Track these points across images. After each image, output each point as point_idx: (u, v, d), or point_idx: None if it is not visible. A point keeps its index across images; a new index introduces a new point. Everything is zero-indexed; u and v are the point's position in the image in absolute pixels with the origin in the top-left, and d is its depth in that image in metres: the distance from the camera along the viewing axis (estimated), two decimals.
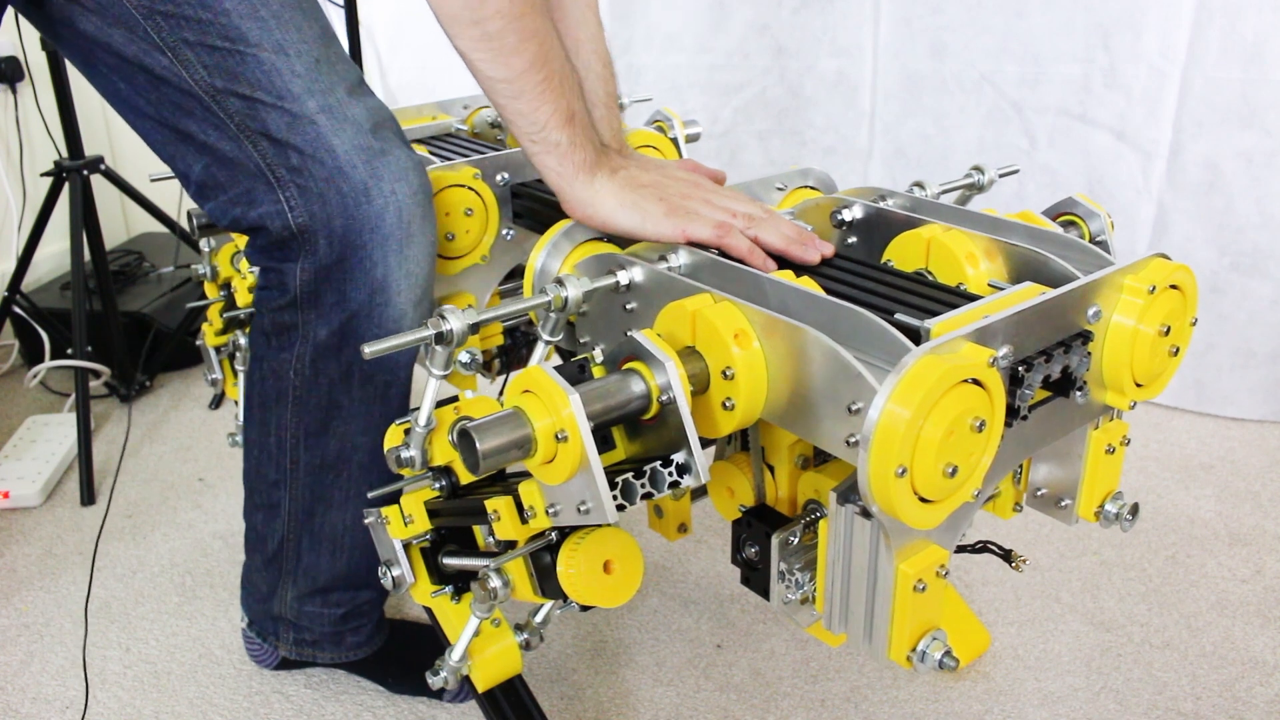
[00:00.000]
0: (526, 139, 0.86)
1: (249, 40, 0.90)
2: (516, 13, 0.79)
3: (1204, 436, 1.86)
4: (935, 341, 0.62)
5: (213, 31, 0.90)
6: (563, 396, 0.65)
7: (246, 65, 0.91)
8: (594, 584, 0.75)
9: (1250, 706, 1.23)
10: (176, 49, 0.91)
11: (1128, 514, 0.82)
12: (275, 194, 0.94)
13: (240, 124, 0.92)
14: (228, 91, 0.92)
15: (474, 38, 0.80)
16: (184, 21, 0.90)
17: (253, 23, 0.90)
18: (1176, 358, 0.77)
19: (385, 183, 0.93)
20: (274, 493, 1.12)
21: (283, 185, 0.93)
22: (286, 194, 0.93)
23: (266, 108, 0.92)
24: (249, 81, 0.91)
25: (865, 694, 1.26)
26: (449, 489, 0.88)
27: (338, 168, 0.92)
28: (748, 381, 0.69)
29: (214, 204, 0.99)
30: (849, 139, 2.17)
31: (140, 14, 0.90)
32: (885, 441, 0.59)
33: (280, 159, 0.93)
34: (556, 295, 0.79)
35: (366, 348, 0.71)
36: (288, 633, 1.24)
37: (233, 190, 0.96)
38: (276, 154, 0.93)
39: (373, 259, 0.95)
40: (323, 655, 1.25)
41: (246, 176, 0.94)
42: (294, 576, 1.17)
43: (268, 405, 1.07)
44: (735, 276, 0.78)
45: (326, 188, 0.92)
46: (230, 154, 0.94)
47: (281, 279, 0.98)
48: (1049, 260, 0.78)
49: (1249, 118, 1.74)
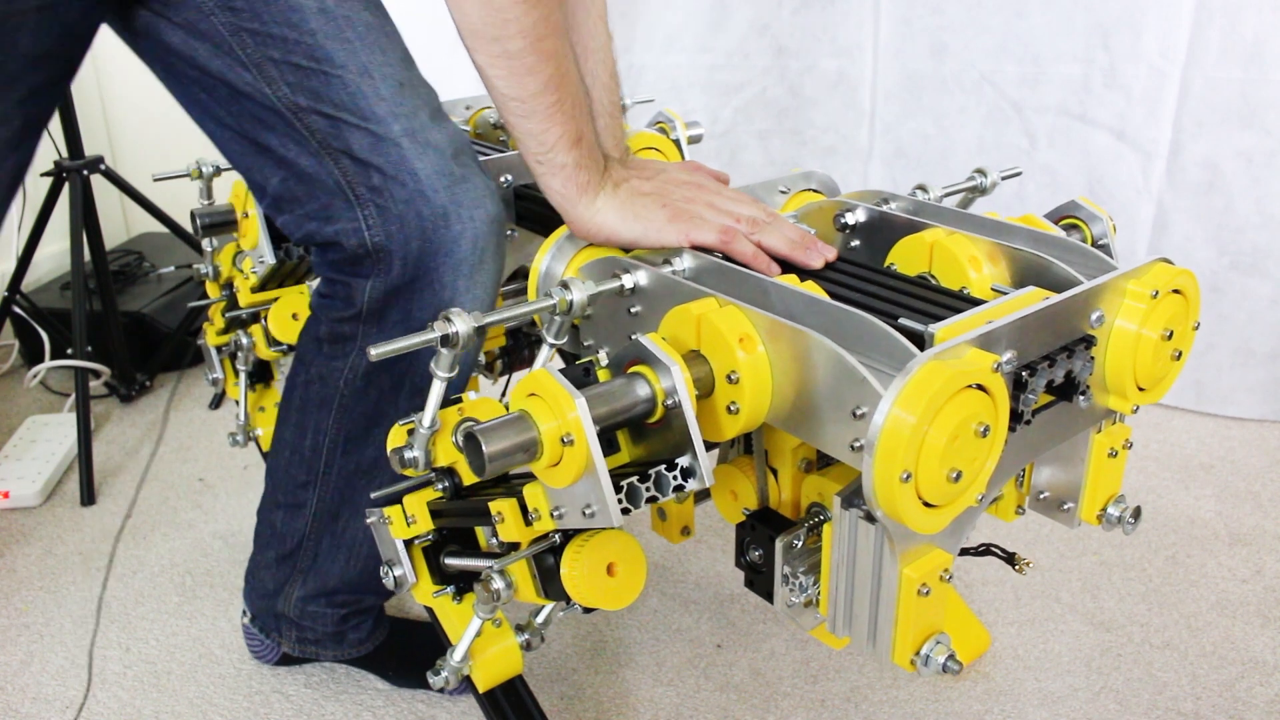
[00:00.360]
0: (533, 158, 0.86)
1: (335, 62, 0.92)
2: (538, 34, 0.80)
3: (1204, 436, 1.86)
4: (940, 347, 0.63)
5: (298, 51, 0.91)
6: (569, 400, 0.65)
7: (331, 86, 0.92)
8: (597, 586, 0.75)
9: (1250, 706, 1.23)
10: (261, 66, 0.92)
11: (1130, 517, 0.83)
12: (354, 211, 0.94)
13: (322, 141, 0.93)
14: (311, 110, 0.93)
15: (493, 54, 0.80)
16: (270, 40, 0.91)
17: (339, 45, 0.92)
18: (1179, 362, 0.77)
19: (464, 208, 0.93)
20: (301, 493, 1.12)
21: (362, 203, 0.94)
22: (365, 212, 0.94)
23: (350, 128, 0.93)
24: (333, 102, 0.92)
25: (865, 694, 1.26)
26: (452, 490, 0.88)
27: (419, 190, 0.92)
28: (752, 386, 0.69)
29: (289, 217, 0.99)
30: (849, 139, 2.17)
31: (226, 30, 0.92)
32: (890, 447, 0.60)
33: (361, 178, 0.93)
34: (561, 299, 0.79)
35: (373, 349, 0.71)
36: (290, 630, 1.24)
37: (310, 205, 0.97)
38: (358, 172, 0.93)
39: (443, 282, 0.95)
40: (325, 653, 1.26)
41: (325, 192, 0.95)
42: (305, 576, 1.18)
43: (308, 409, 1.08)
44: (739, 280, 0.78)
45: (406, 209, 0.93)
46: (309, 170, 0.95)
47: (349, 292, 0.99)
48: (1052, 264, 0.79)
49: (1249, 118, 1.74)
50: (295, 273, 1.33)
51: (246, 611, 1.29)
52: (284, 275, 1.31)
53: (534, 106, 0.83)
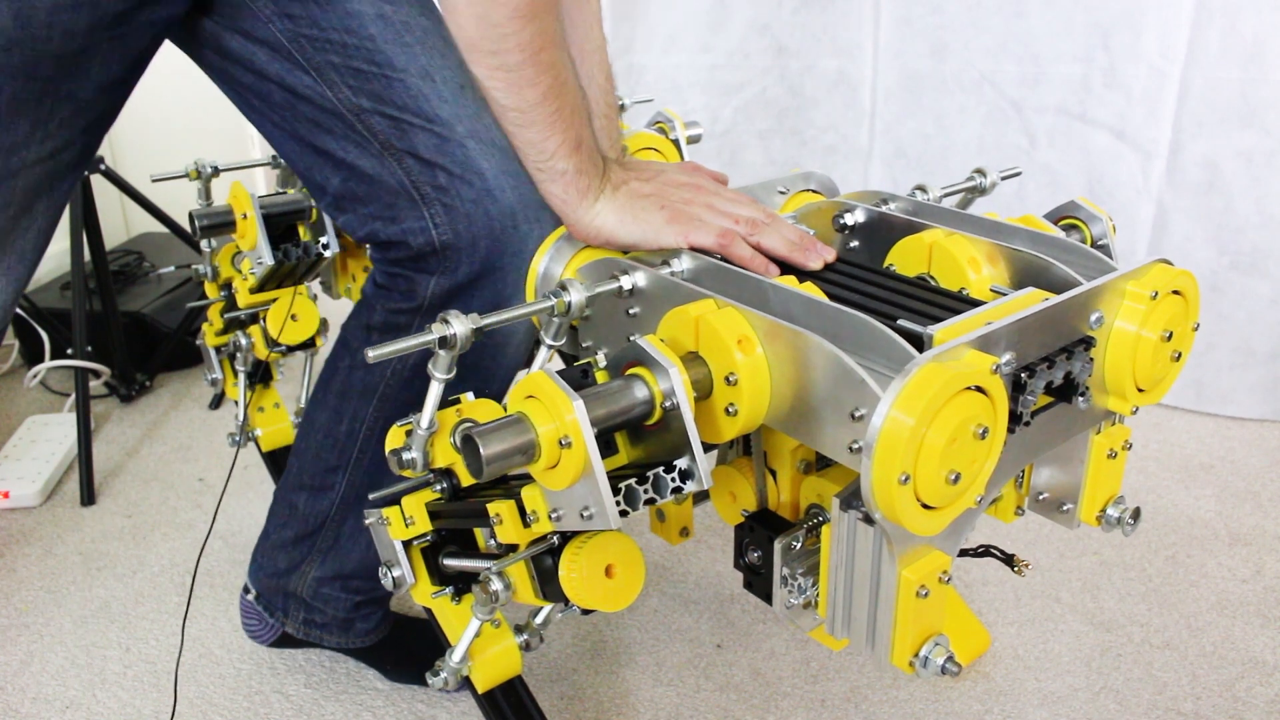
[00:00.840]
0: (533, 166, 0.86)
1: (395, 65, 0.92)
2: (536, 47, 0.80)
3: (1204, 436, 1.86)
4: (938, 349, 0.62)
5: (359, 56, 0.92)
6: (566, 402, 0.65)
7: (393, 88, 0.93)
8: (596, 588, 0.75)
9: (1250, 706, 1.23)
10: (321, 70, 0.93)
11: (1129, 518, 0.83)
12: (419, 210, 0.95)
13: (385, 142, 0.94)
14: (374, 111, 0.93)
15: (491, 66, 0.81)
16: (329, 45, 0.93)
17: (398, 49, 0.92)
18: (1178, 363, 0.77)
19: (531, 208, 0.93)
20: (329, 477, 1.13)
21: (428, 202, 0.94)
22: (432, 211, 0.94)
23: (415, 129, 0.93)
24: (396, 104, 0.93)
25: (865, 694, 1.26)
26: (451, 491, 0.88)
27: (486, 190, 0.92)
28: (751, 387, 0.69)
29: (350, 216, 1.00)
30: (849, 138, 2.17)
31: (285, 37, 0.93)
32: (888, 448, 0.60)
33: (427, 177, 0.94)
34: (560, 300, 0.79)
35: (370, 351, 0.71)
36: (298, 611, 1.24)
37: (372, 205, 0.97)
38: (423, 172, 0.94)
39: (506, 280, 0.95)
40: (329, 639, 1.26)
41: (388, 192, 0.95)
42: (324, 558, 1.18)
43: (348, 395, 1.08)
44: (738, 282, 0.78)
45: (475, 209, 0.93)
46: (370, 170, 0.95)
47: (410, 285, 0.99)
48: (1051, 265, 0.78)
49: (1248, 117, 1.74)
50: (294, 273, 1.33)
51: (250, 589, 1.28)
52: (282, 276, 1.32)
53: (533, 116, 0.83)
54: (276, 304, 1.35)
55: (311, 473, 1.14)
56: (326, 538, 1.17)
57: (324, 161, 0.98)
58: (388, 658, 1.29)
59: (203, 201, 1.34)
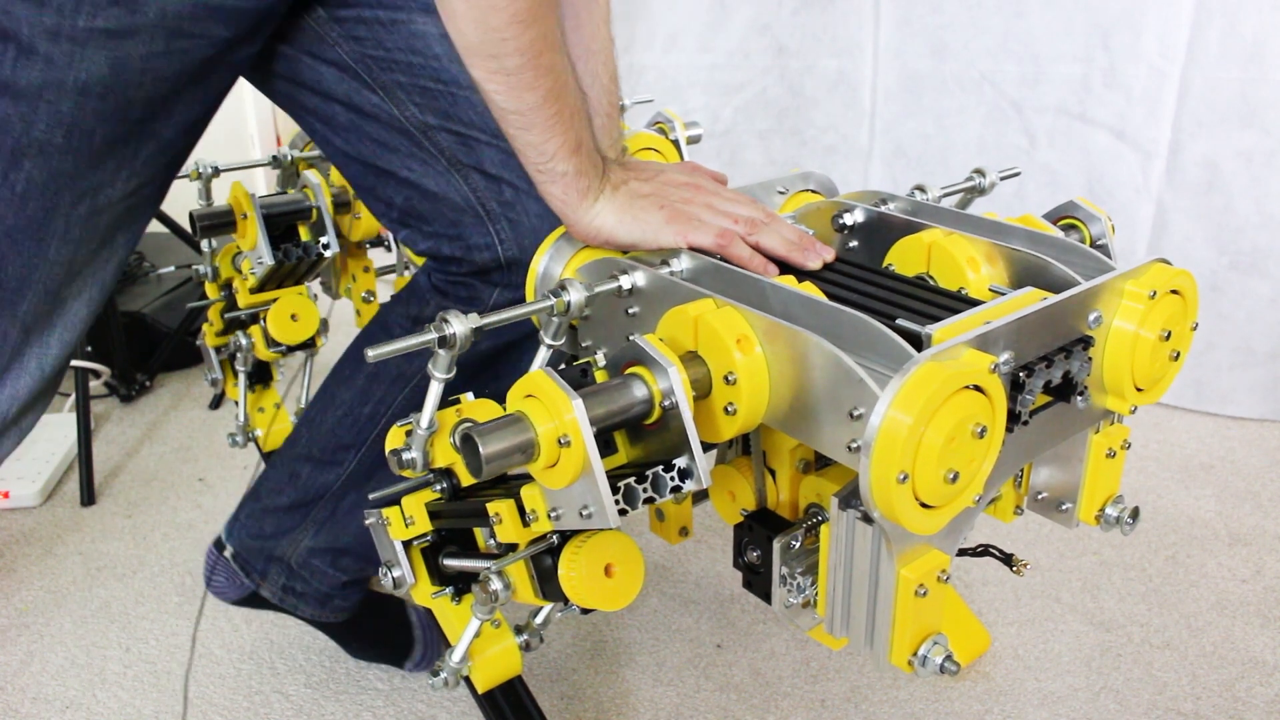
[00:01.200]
0: (533, 168, 0.86)
1: (460, 83, 0.96)
2: (535, 50, 0.80)
3: (1204, 436, 1.86)
4: (937, 348, 0.62)
5: (425, 74, 0.95)
6: (566, 402, 0.65)
7: (459, 105, 0.96)
8: (595, 587, 0.75)
9: (1250, 706, 1.23)
10: (388, 89, 0.96)
11: (1128, 518, 0.83)
12: (485, 226, 0.97)
13: (452, 158, 0.97)
14: (441, 128, 0.96)
15: (490, 70, 0.81)
16: (395, 64, 0.96)
17: (460, 68, 0.93)
18: (1177, 362, 0.77)
19: None
20: (341, 454, 1.13)
21: (494, 219, 0.97)
22: (497, 227, 0.97)
23: (482, 144, 0.96)
24: (462, 120, 0.96)
25: (865, 694, 1.26)
26: (450, 491, 0.88)
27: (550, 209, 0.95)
28: (750, 387, 0.69)
29: (413, 233, 1.02)
30: (849, 138, 2.17)
31: (352, 58, 0.96)
32: (887, 448, 0.60)
33: (493, 192, 0.96)
34: (559, 300, 0.79)
35: (370, 350, 0.71)
36: (279, 577, 1.23)
37: (437, 222, 0.99)
38: (489, 187, 0.96)
39: None
40: (304, 609, 1.25)
41: (452, 209, 0.98)
42: (320, 528, 1.18)
43: (380, 379, 1.09)
44: (737, 281, 0.78)
45: (541, 224, 0.95)
46: (436, 188, 0.98)
47: (472, 293, 1.01)
48: (1050, 265, 0.78)
49: (1248, 117, 1.74)
50: (294, 273, 1.33)
51: (227, 545, 1.26)
52: (283, 276, 1.32)
53: (533, 119, 0.83)
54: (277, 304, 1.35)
55: (323, 446, 1.14)
56: (324, 510, 1.16)
57: (388, 181, 1.00)
58: (355, 635, 1.29)
59: (203, 201, 1.34)
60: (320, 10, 0.97)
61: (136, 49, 0.83)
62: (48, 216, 0.88)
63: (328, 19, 0.97)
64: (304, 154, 1.33)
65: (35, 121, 0.82)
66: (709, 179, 0.93)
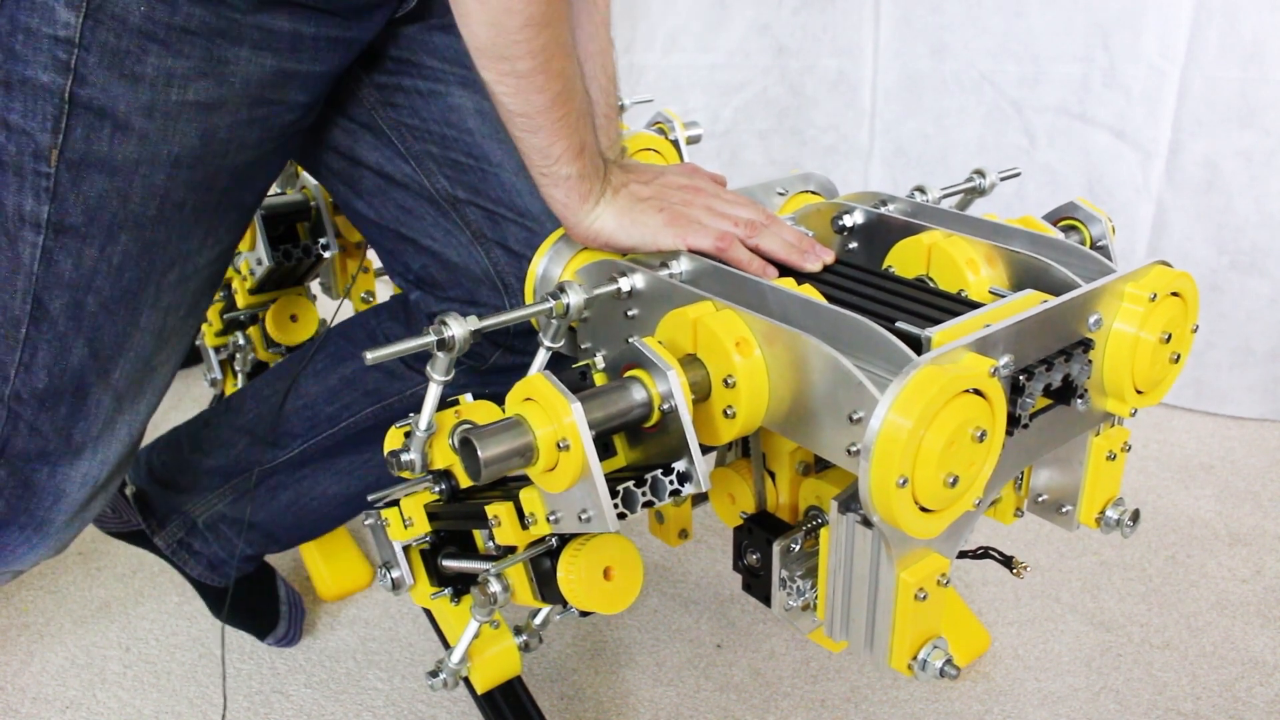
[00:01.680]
0: (537, 171, 0.86)
1: (492, 160, 0.97)
2: (547, 54, 0.80)
3: (1203, 436, 1.86)
4: (936, 351, 0.62)
5: (457, 148, 0.97)
6: (564, 405, 0.65)
7: (489, 182, 0.97)
8: (594, 590, 0.75)
9: (1250, 706, 1.23)
10: (420, 159, 0.98)
11: (1129, 520, 0.83)
12: (501, 299, 0.99)
13: (477, 232, 0.98)
14: (469, 203, 0.98)
15: (501, 72, 0.81)
16: (429, 135, 0.98)
17: (495, 144, 0.97)
18: (1177, 365, 0.77)
19: None
20: (287, 440, 1.13)
21: (511, 293, 0.99)
22: (514, 300, 0.99)
23: (507, 222, 0.97)
24: (490, 197, 0.98)
25: (865, 694, 1.26)
26: (449, 493, 0.88)
27: None
28: (749, 390, 0.69)
29: (426, 295, 1.03)
30: (849, 138, 2.17)
31: (386, 124, 0.98)
32: (886, 451, 0.60)
33: (514, 268, 0.98)
34: (558, 302, 0.79)
35: (368, 354, 0.71)
36: (178, 530, 1.22)
37: (452, 290, 1.01)
38: (510, 263, 0.98)
39: None
40: (191, 567, 1.24)
41: (470, 280, 1.00)
42: (239, 498, 1.17)
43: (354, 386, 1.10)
44: (737, 284, 0.78)
45: None
46: (456, 259, 0.99)
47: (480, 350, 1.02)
48: (1050, 267, 0.78)
49: (1248, 117, 1.74)
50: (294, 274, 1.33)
51: (128, 483, 1.25)
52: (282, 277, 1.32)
53: (540, 122, 0.83)
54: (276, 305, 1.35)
55: (269, 427, 1.14)
56: (246, 482, 1.16)
57: (408, 246, 1.01)
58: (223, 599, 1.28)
59: None
60: (363, 76, 0.98)
61: (224, 119, 0.85)
62: (142, 286, 0.89)
63: (368, 84, 0.98)
64: None
65: (131, 195, 0.84)
66: (708, 181, 0.93)
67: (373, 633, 1.39)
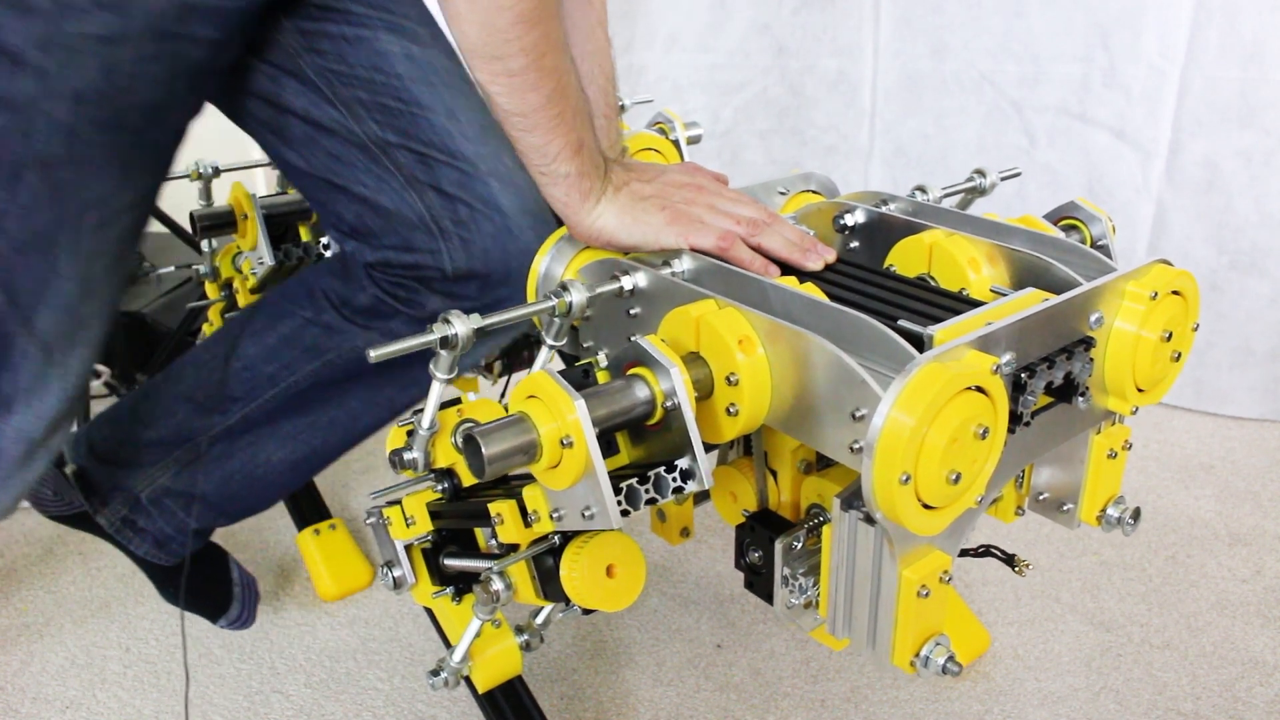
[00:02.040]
0: (536, 170, 0.87)
1: (421, 103, 0.96)
2: (539, 52, 0.80)
3: (1204, 436, 1.86)
4: (939, 349, 0.63)
5: (386, 92, 0.95)
6: (568, 402, 0.65)
7: (419, 125, 0.96)
8: (597, 588, 0.76)
9: (1250, 706, 1.23)
10: (349, 105, 0.96)
11: (1129, 518, 0.83)
12: (436, 243, 0.97)
13: (409, 176, 0.96)
14: (400, 146, 0.96)
15: (494, 71, 0.81)
16: (357, 81, 0.96)
17: (424, 88, 0.96)
18: (1178, 363, 0.77)
19: None
20: (228, 405, 1.10)
21: (446, 236, 0.97)
22: (449, 244, 0.97)
23: (439, 164, 0.96)
24: (421, 140, 0.96)
25: (865, 694, 1.26)
26: (451, 491, 0.88)
27: (506, 226, 0.95)
28: (751, 387, 0.69)
29: (363, 245, 1.01)
30: (849, 138, 2.17)
31: (312, 70, 0.96)
32: (889, 448, 0.60)
33: (448, 211, 0.96)
34: (561, 300, 0.79)
35: (372, 351, 0.71)
36: (121, 507, 1.17)
37: (387, 237, 0.99)
38: (444, 206, 0.96)
39: None
40: (136, 545, 1.19)
41: (404, 226, 0.98)
42: (182, 470, 1.14)
43: (293, 345, 1.07)
44: (739, 282, 0.78)
45: (492, 244, 0.95)
46: (390, 205, 0.97)
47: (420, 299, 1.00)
48: (1051, 266, 0.79)
49: (1248, 117, 1.74)
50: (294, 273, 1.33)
51: (68, 462, 1.20)
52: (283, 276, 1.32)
53: (536, 120, 0.83)
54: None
55: (210, 392, 1.11)
56: (188, 453, 1.13)
57: (340, 196, 1.00)
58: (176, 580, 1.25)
59: (203, 202, 1.34)
60: (285, 22, 0.96)
61: (127, 53, 0.82)
62: (57, 229, 0.87)
63: (293, 30, 0.96)
64: None
65: (34, 133, 0.82)
66: (710, 180, 0.93)
67: (373, 633, 1.39)
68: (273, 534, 1.61)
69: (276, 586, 1.49)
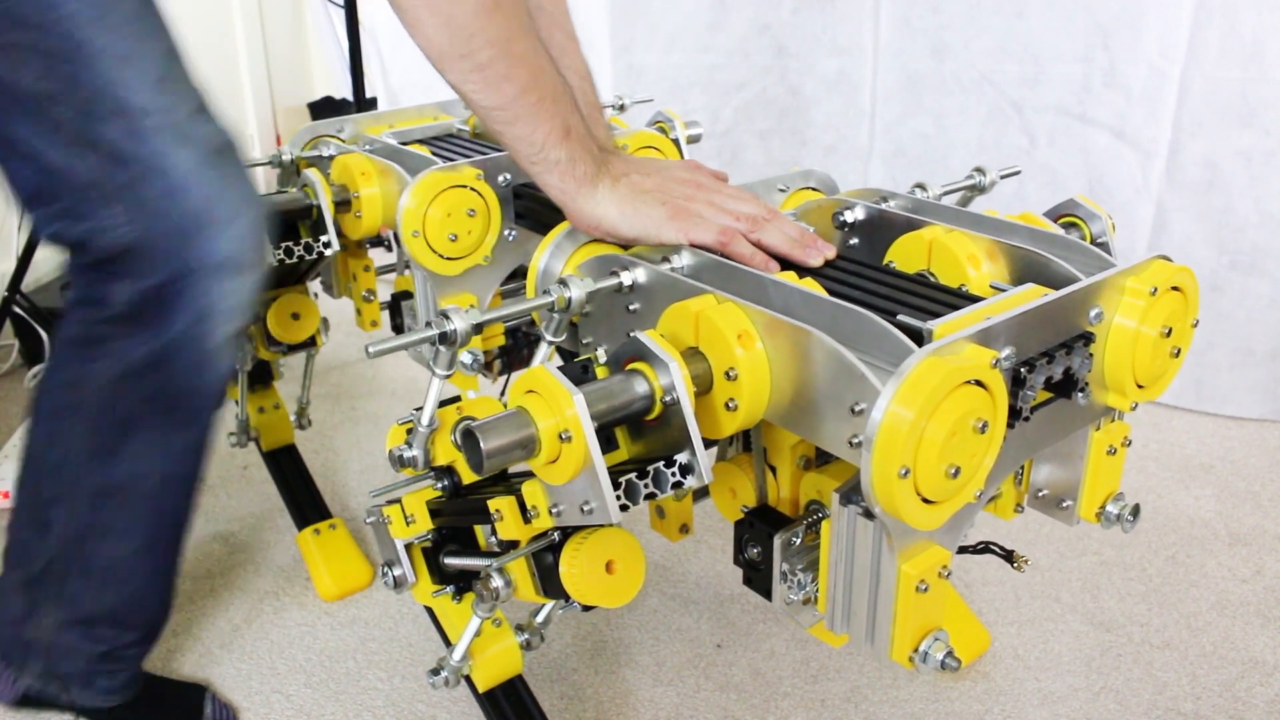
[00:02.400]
0: (527, 161, 0.85)
1: (92, 47, 0.85)
2: (505, 39, 0.78)
3: (1204, 436, 1.86)
4: (938, 343, 0.63)
5: (53, 34, 0.84)
6: (567, 397, 0.65)
7: (85, 73, 0.85)
8: (596, 584, 0.76)
9: (1250, 706, 1.23)
10: (7, 50, 0.84)
11: (1129, 515, 0.83)
12: (103, 210, 0.88)
13: (72, 133, 0.87)
14: (61, 97, 0.86)
15: (464, 69, 0.79)
16: (18, 23, 0.84)
17: (96, 30, 0.85)
18: (1178, 359, 0.77)
19: (222, 208, 0.89)
20: (49, 511, 1.04)
21: (111, 201, 0.88)
22: (114, 210, 0.88)
23: (102, 119, 0.86)
24: (85, 89, 0.86)
25: (865, 694, 1.26)
26: (451, 489, 0.88)
27: (173, 187, 0.88)
28: (751, 382, 0.69)
29: (40, 213, 0.92)
30: (849, 138, 2.17)
31: None
32: (888, 442, 0.60)
33: (112, 172, 0.87)
34: (560, 296, 0.79)
35: (371, 347, 0.71)
36: (38, 662, 1.11)
37: (57, 203, 0.90)
38: (108, 167, 0.87)
39: (200, 286, 0.91)
40: (75, 694, 1.13)
41: (73, 189, 0.88)
42: (57, 602, 1.08)
43: (59, 416, 1.01)
44: (738, 277, 0.78)
45: (159, 207, 0.88)
46: (58, 164, 0.88)
47: (104, 293, 0.92)
48: (1051, 262, 0.79)
49: (1248, 117, 1.74)
50: (295, 272, 1.33)
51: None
52: (283, 275, 1.32)
53: (516, 111, 0.81)
54: (277, 303, 1.35)
55: (33, 508, 1.05)
56: (53, 581, 1.06)
57: (12, 154, 0.90)
58: None
59: None
60: None
61: None
62: None
63: None
64: (304, 153, 1.33)
65: None
66: (710, 176, 0.93)
67: (373, 633, 1.39)
68: (273, 534, 1.61)
69: (276, 586, 1.49)
